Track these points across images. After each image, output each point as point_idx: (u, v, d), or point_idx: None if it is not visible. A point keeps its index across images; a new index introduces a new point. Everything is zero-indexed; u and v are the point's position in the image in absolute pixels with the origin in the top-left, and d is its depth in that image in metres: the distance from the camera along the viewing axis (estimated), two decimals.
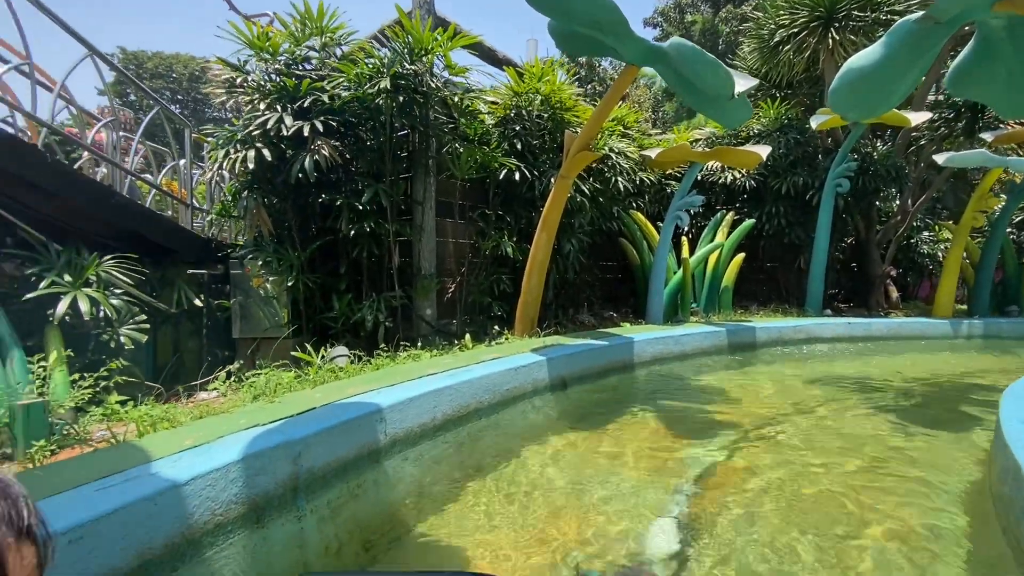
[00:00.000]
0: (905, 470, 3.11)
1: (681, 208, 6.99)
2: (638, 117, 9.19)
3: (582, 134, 5.11)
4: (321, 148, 5.09)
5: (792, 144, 9.46)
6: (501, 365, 3.99)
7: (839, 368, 6.01)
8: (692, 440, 3.61)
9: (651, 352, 5.54)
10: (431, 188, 6.02)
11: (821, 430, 3.79)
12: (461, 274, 6.47)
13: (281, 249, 5.44)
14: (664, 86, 28.74)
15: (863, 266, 11.03)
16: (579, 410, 4.25)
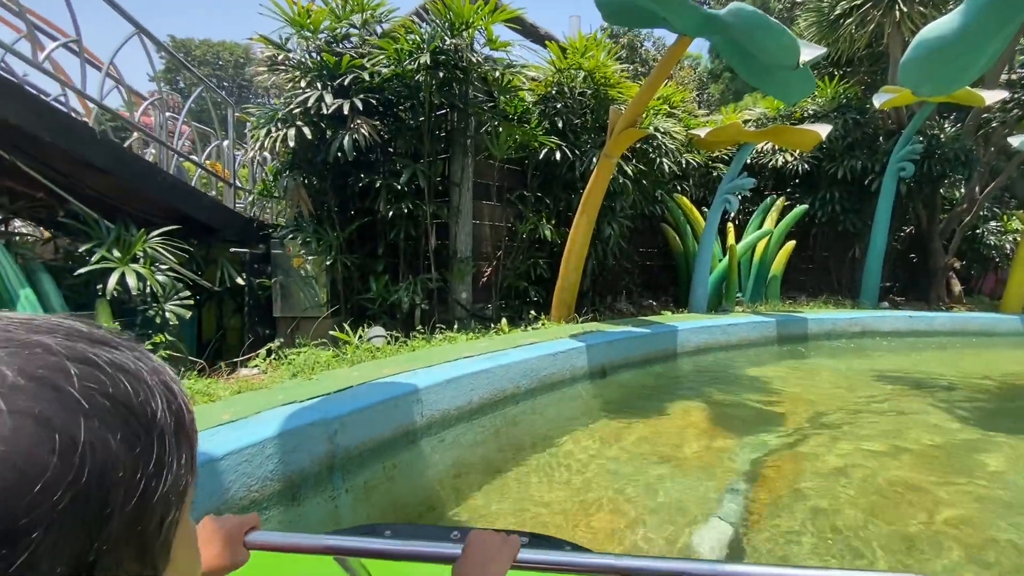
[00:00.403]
0: (979, 476, 2.83)
1: (730, 191, 6.64)
2: (684, 96, 8.78)
3: (628, 110, 4.87)
4: (360, 127, 5.04)
5: (851, 125, 8.87)
6: (539, 350, 3.86)
7: (899, 364, 5.61)
8: (740, 435, 3.40)
9: (695, 341, 5.31)
10: (468, 169, 5.90)
11: (880, 431, 3.51)
12: (497, 258, 6.36)
13: (320, 229, 5.44)
14: (709, 67, 27.65)
15: (923, 257, 10.32)
16: (619, 398, 4.08)
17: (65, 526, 0.21)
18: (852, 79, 10.12)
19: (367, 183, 5.36)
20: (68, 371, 0.23)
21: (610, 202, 6.76)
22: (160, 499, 0.26)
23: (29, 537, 0.20)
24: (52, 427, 0.22)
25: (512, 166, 6.45)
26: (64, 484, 0.21)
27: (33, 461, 0.20)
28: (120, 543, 0.24)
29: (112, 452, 0.23)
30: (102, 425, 0.23)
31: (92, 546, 0.22)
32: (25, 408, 0.21)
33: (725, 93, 24.58)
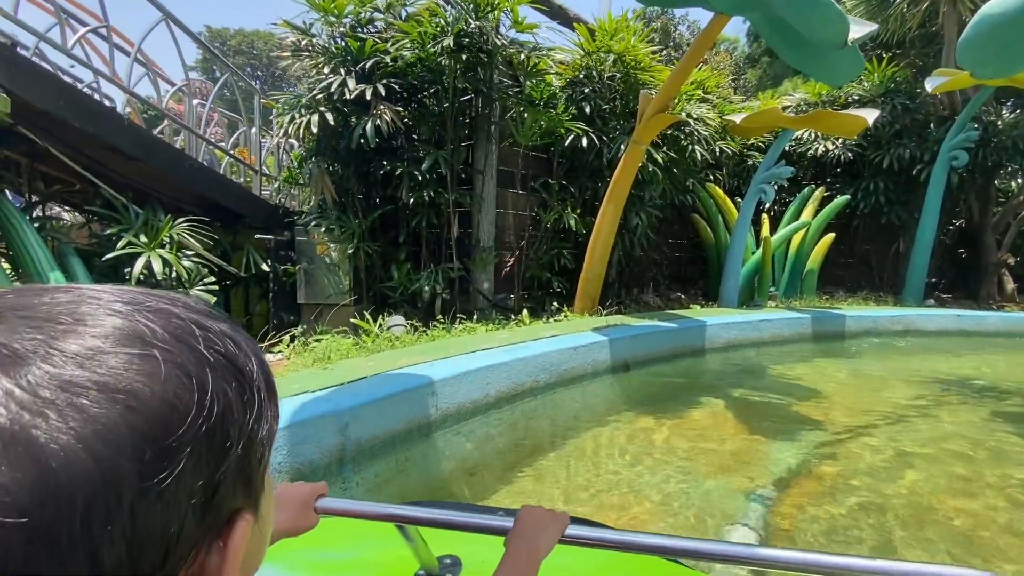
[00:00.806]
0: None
1: (766, 180, 6.34)
2: (720, 81, 8.42)
3: (659, 94, 4.65)
4: (383, 113, 4.97)
5: (899, 111, 8.36)
6: (560, 343, 3.75)
7: (944, 366, 5.27)
8: (768, 438, 3.23)
9: (725, 337, 5.09)
10: (492, 156, 5.77)
11: (922, 439, 3.27)
12: (520, 247, 6.24)
13: (344, 217, 5.42)
14: (747, 52, 26.63)
15: (974, 252, 9.71)
16: (642, 395, 3.94)
17: (202, 451, 0.26)
18: (902, 62, 9.52)
19: (390, 170, 5.30)
20: (195, 334, 0.29)
21: (638, 191, 6.54)
22: (259, 442, 0.31)
23: (181, 454, 0.25)
24: (191, 376, 0.27)
25: (537, 153, 6.29)
26: (200, 419, 0.26)
27: (181, 400, 0.26)
28: (234, 473, 0.29)
29: (230, 399, 0.28)
30: (221, 378, 0.28)
31: (218, 471, 0.27)
32: (173, 360, 0.26)
33: (763, 79, 23.62)
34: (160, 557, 0.25)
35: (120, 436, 0.23)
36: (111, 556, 0.22)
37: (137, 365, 0.25)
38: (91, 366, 0.24)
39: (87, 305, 0.27)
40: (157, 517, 0.24)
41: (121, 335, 0.26)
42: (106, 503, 0.22)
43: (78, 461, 0.21)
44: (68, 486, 0.21)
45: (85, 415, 0.22)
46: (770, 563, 0.59)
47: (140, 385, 0.24)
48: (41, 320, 0.25)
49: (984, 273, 9.27)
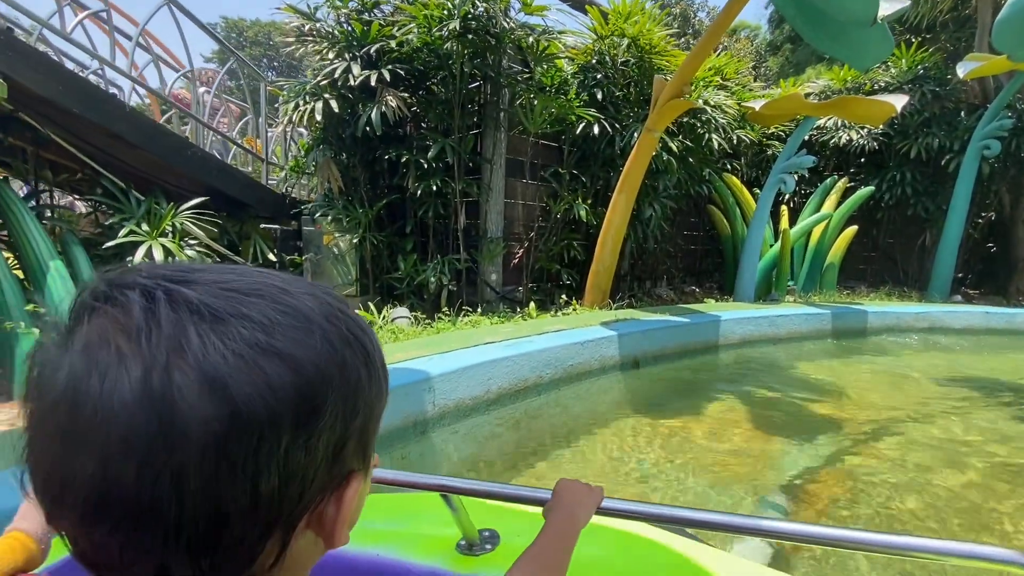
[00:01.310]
0: None
1: (787, 170, 6.09)
2: (739, 67, 8.12)
3: (674, 79, 4.45)
4: (389, 99, 4.85)
5: (928, 99, 7.99)
6: (565, 338, 3.62)
7: (970, 366, 5.02)
8: (784, 440, 3.07)
9: (740, 333, 4.91)
10: (501, 144, 5.62)
11: (949, 442, 3.08)
12: (529, 239, 6.09)
13: (350, 206, 5.34)
14: (768, 38, 25.90)
15: (1004, 247, 9.30)
16: (652, 394, 3.80)
17: (339, 413, 0.31)
18: (932, 47, 9.10)
19: (396, 159, 5.19)
20: (340, 317, 0.33)
21: (652, 181, 6.34)
22: (376, 414, 0.36)
23: (324, 412, 0.30)
24: (336, 349, 0.31)
25: (547, 142, 6.12)
26: (338, 385, 0.31)
27: (329, 367, 0.30)
28: (357, 437, 0.33)
29: (361, 375, 0.33)
30: (355, 355, 0.33)
31: (347, 431, 0.32)
32: (326, 337, 0.31)
33: (785, 67, 22.96)
34: (298, 494, 0.30)
35: (286, 391, 0.28)
36: (267, 483, 0.28)
37: (302, 338, 0.30)
38: (272, 333, 0.29)
39: (266, 285, 0.31)
40: (301, 460, 0.29)
41: (293, 311, 0.31)
42: (271, 440, 0.27)
43: (256, 405, 0.27)
44: (247, 422, 0.27)
45: (264, 372, 0.28)
46: (803, 538, 0.60)
47: (303, 354, 0.29)
48: (233, 291, 0.30)
49: (1014, 268, 8.88)
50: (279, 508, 0.29)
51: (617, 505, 0.69)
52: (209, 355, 0.27)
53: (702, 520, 0.65)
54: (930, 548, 0.55)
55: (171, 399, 0.26)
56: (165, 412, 0.25)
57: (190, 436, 0.25)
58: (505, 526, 0.90)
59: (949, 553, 0.54)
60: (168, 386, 0.26)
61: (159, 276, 0.30)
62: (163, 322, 0.27)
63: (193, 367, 0.26)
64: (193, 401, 0.26)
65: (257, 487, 0.27)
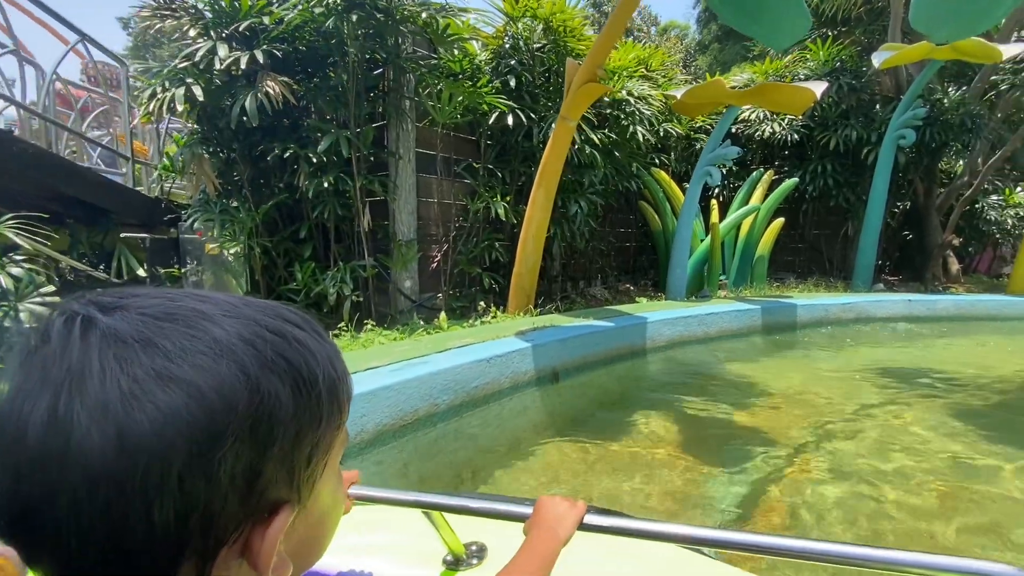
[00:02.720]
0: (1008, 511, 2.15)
1: (712, 162, 5.88)
2: (664, 59, 7.94)
3: (587, 62, 4.05)
4: (270, 85, 4.19)
5: (845, 91, 8.09)
6: (470, 355, 3.12)
7: (900, 356, 4.95)
8: (716, 461, 2.71)
9: (668, 334, 4.59)
10: (409, 137, 5.07)
11: (889, 448, 2.82)
12: (448, 240, 5.57)
13: (231, 209, 4.62)
14: (697, 38, 26.58)
15: (919, 234, 9.66)
16: (572, 412, 3.37)
17: (246, 440, 0.30)
18: (847, 40, 9.31)
19: (283, 154, 4.53)
20: (265, 339, 0.32)
21: (577, 176, 5.99)
22: (309, 442, 0.34)
23: (224, 440, 0.29)
24: (248, 374, 0.30)
25: (462, 134, 5.62)
26: (250, 412, 0.30)
27: (234, 393, 0.30)
28: (278, 465, 0.32)
29: (282, 399, 0.32)
30: (279, 380, 0.32)
31: (260, 460, 0.31)
32: (237, 361, 0.30)
33: (713, 65, 23.58)
34: (203, 527, 0.29)
35: (179, 419, 0.28)
36: (161, 515, 0.27)
37: (207, 364, 0.29)
38: (174, 359, 0.29)
39: (187, 310, 0.32)
40: (200, 490, 0.28)
41: (204, 336, 0.30)
42: (160, 469, 0.27)
43: (145, 434, 0.27)
44: (135, 451, 0.27)
45: (159, 399, 0.28)
46: (795, 554, 0.57)
47: (205, 381, 0.29)
48: (155, 319, 0.30)
49: (929, 255, 9.22)
50: (180, 539, 0.28)
51: (600, 521, 0.68)
52: (106, 383, 0.28)
53: (694, 536, 0.62)
54: (926, 564, 0.51)
55: (69, 426, 0.27)
56: (63, 439, 0.27)
57: (85, 463, 0.26)
58: (493, 538, 0.90)
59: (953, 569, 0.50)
60: (68, 413, 0.27)
61: (94, 303, 0.31)
62: (73, 350, 0.29)
63: (89, 395, 0.27)
64: (87, 428, 0.27)
65: (150, 517, 0.27)
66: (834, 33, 9.10)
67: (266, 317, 0.34)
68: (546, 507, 0.68)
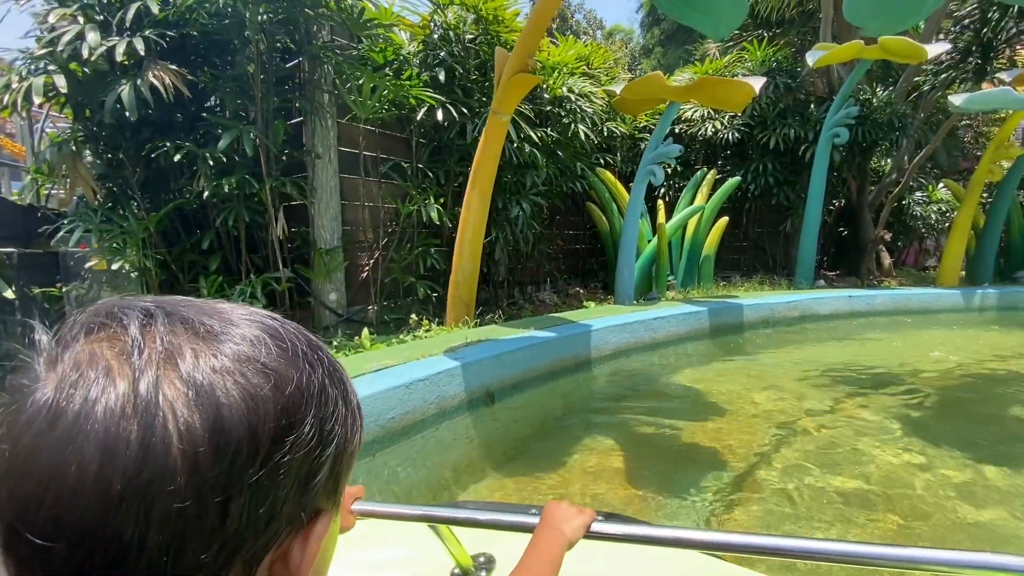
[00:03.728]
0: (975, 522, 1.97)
1: (654, 161, 5.69)
2: (607, 57, 7.77)
3: (516, 50, 3.72)
4: (158, 74, 3.63)
5: (782, 90, 8.20)
6: (387, 380, 2.71)
7: (846, 355, 4.90)
8: (669, 487, 2.43)
9: (614, 342, 4.33)
10: (329, 135, 4.60)
11: (841, 459, 2.63)
12: (380, 247, 5.12)
13: (116, 217, 4.00)
14: (641, 43, 27.04)
15: (853, 230, 9.97)
16: (509, 440, 3.01)
17: (313, 433, 0.30)
18: (782, 40, 9.47)
19: (177, 153, 3.95)
20: (317, 348, 0.33)
21: (518, 177, 5.67)
22: (349, 452, 0.35)
23: (301, 430, 0.29)
24: (316, 373, 0.31)
25: (392, 132, 5.19)
26: (316, 407, 0.30)
27: (308, 388, 0.30)
28: (328, 469, 0.32)
29: (339, 406, 0.33)
30: (332, 384, 0.33)
31: (319, 459, 0.31)
32: (306, 359, 0.31)
33: (657, 68, 24.02)
34: (265, 521, 0.28)
35: (267, 404, 0.28)
36: (237, 502, 0.26)
37: (284, 357, 0.30)
38: (258, 350, 0.29)
39: (245, 314, 0.32)
40: (272, 483, 0.28)
41: (277, 334, 0.31)
42: (248, 452, 0.26)
43: (238, 415, 0.27)
44: (228, 431, 0.26)
45: (249, 383, 0.28)
46: (808, 555, 0.56)
47: (286, 371, 0.29)
48: (223, 312, 0.31)
49: (863, 250, 9.49)
50: (243, 534, 0.27)
51: (608, 528, 0.66)
52: (200, 366, 0.27)
53: (702, 541, 0.61)
54: (953, 561, 0.49)
55: (155, 410, 0.25)
56: (147, 423, 0.25)
57: (170, 447, 0.25)
58: (501, 549, 0.88)
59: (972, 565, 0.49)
60: (155, 396, 0.26)
61: (158, 301, 0.31)
62: (158, 337, 0.28)
63: (184, 379, 0.27)
64: (178, 411, 0.26)
65: (227, 505, 0.26)
66: (770, 34, 9.24)
67: (305, 334, 0.34)
68: (553, 513, 0.69)
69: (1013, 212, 8.55)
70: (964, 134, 13.23)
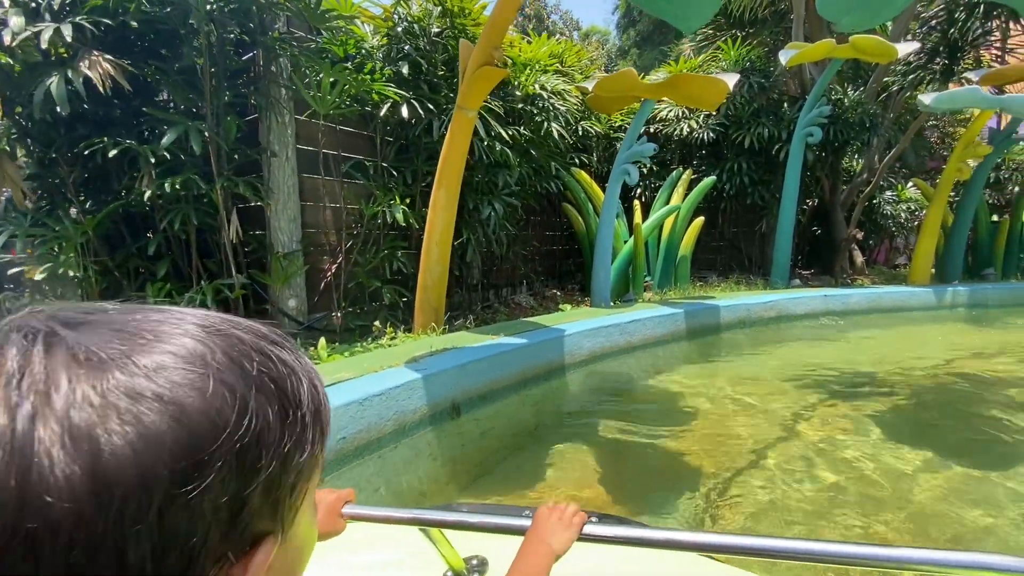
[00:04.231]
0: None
1: (629, 159, 5.57)
2: (581, 55, 7.65)
3: (481, 41, 3.54)
4: (94, 64, 3.35)
5: (756, 90, 8.18)
6: (340, 396, 2.49)
7: (824, 355, 4.83)
8: (644, 507, 2.27)
9: (589, 347, 4.17)
10: (287, 132, 4.35)
11: (825, 462, 2.51)
12: (342, 251, 4.87)
13: (49, 220, 3.69)
14: (617, 44, 27.14)
15: (827, 229, 10.05)
16: (475, 457, 2.82)
17: (233, 466, 0.27)
18: (755, 40, 9.49)
19: (114, 150, 3.66)
20: (252, 357, 0.30)
21: (490, 176, 5.49)
22: (295, 467, 0.31)
23: (212, 467, 0.26)
24: (236, 394, 0.28)
25: (356, 129, 4.95)
26: (237, 435, 0.27)
27: (221, 415, 0.27)
28: (263, 494, 0.29)
29: (270, 421, 0.29)
30: (266, 400, 0.29)
31: (247, 488, 0.28)
32: (223, 379, 0.28)
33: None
34: (182, 565, 0.25)
35: (162, 444, 0.24)
36: (135, 554, 0.24)
37: (191, 381, 0.27)
38: (155, 378, 0.26)
39: (169, 325, 0.29)
40: (182, 524, 0.25)
41: (188, 353, 0.28)
42: (138, 502, 0.24)
43: (124, 461, 0.23)
44: (112, 482, 0.23)
45: (139, 422, 0.24)
46: (805, 556, 0.55)
47: (191, 401, 0.26)
48: (128, 334, 0.27)
49: (837, 249, 9.56)
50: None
51: (601, 531, 0.67)
52: (76, 401, 0.24)
53: (694, 542, 0.60)
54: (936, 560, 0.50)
55: (30, 453, 0.23)
56: (23, 467, 0.23)
57: (48, 495, 0.22)
58: (494, 551, 0.87)
59: None
60: (30, 438, 0.23)
61: (55, 318, 0.28)
62: (35, 366, 0.25)
63: (56, 413, 0.24)
64: (55, 455, 0.23)
65: (123, 556, 0.23)
66: (743, 34, 9.24)
67: (247, 334, 0.32)
68: (542, 519, 0.69)
69: (980, 210, 8.70)
70: (931, 134, 13.50)
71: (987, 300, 6.96)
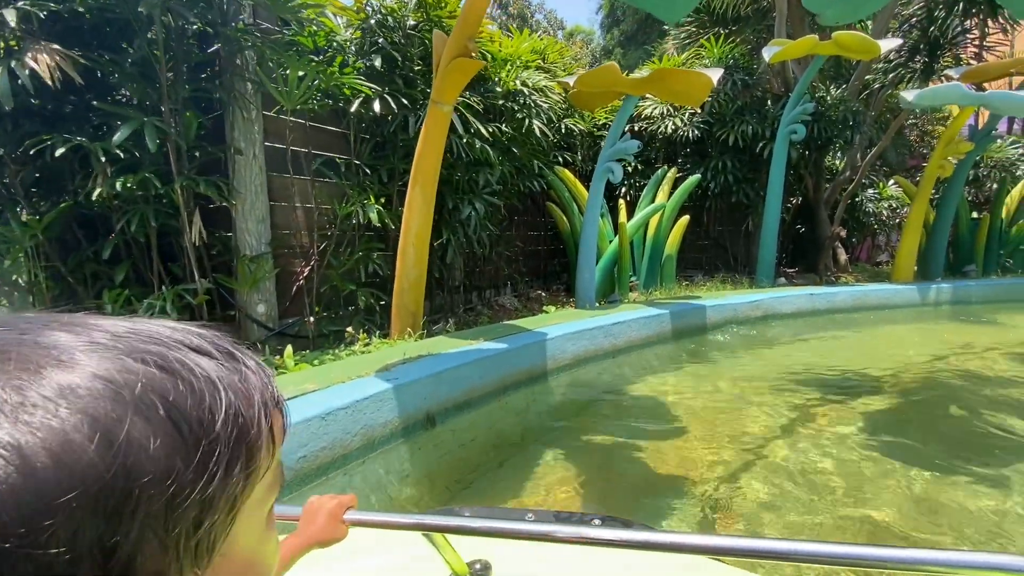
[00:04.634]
0: None
1: (612, 157, 5.44)
2: (564, 52, 7.51)
3: (455, 31, 3.37)
4: (38, 57, 3.12)
5: (739, 87, 8.13)
6: (301, 410, 2.30)
7: (812, 354, 4.75)
8: (635, 517, 2.10)
9: (572, 351, 4.02)
10: (254, 128, 4.13)
11: (814, 481, 2.38)
12: (314, 253, 4.67)
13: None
14: (602, 44, 27.12)
15: (811, 227, 10.05)
16: (452, 472, 2.65)
17: (87, 511, 0.23)
18: (739, 38, 9.44)
19: (61, 147, 3.42)
20: (137, 374, 0.26)
21: (470, 175, 5.32)
22: (196, 503, 0.27)
23: (55, 513, 0.22)
24: (97, 425, 0.24)
25: (329, 126, 4.75)
26: (97, 474, 0.23)
27: (72, 452, 0.23)
28: (143, 535, 0.25)
29: (150, 453, 0.25)
30: (146, 428, 0.25)
31: (114, 533, 0.24)
32: (80, 408, 0.24)
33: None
34: None
35: (2, 493, 0.22)
36: None
37: (38, 418, 0.24)
38: (15, 418, 0.24)
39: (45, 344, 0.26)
40: None
41: (47, 382, 0.25)
42: None
43: None
44: None
45: None
46: (809, 558, 0.54)
47: (31, 440, 0.23)
48: (16, 362, 0.25)
49: (821, 247, 9.55)
50: None
51: (603, 534, 0.63)
52: None
53: (694, 545, 0.57)
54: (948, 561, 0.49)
55: None
56: None
57: None
58: (497, 554, 0.86)
59: None
60: None
61: None
62: None
63: None
64: None
65: None
66: (726, 32, 9.19)
67: (152, 344, 0.28)
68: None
69: (961, 208, 8.74)
70: (911, 132, 13.64)
71: (970, 297, 6.97)
